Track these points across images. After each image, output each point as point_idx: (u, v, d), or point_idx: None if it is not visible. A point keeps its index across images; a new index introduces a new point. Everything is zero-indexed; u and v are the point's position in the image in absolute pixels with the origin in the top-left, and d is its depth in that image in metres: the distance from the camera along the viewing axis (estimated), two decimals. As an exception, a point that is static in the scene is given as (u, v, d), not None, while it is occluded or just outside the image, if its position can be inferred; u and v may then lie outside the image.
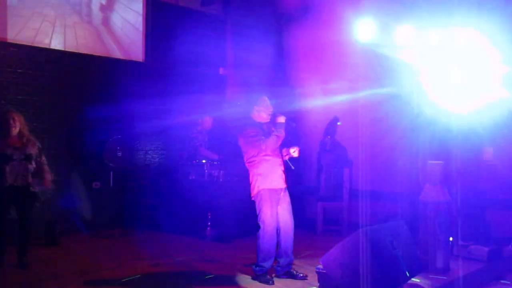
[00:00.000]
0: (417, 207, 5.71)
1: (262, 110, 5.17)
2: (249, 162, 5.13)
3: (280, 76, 8.68)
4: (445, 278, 5.12)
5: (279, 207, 5.09)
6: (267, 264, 5.04)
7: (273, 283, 4.96)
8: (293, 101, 8.35)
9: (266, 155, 5.03)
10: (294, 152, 5.16)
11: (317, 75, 8.30)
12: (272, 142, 5.00)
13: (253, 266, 5.12)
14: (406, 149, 7.34)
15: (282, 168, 5.15)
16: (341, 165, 7.36)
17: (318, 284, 4.54)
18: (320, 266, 4.41)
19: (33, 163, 5.23)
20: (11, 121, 5.13)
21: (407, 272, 4.37)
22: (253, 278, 5.08)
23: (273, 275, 5.12)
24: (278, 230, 5.11)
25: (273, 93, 8.53)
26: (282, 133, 5.04)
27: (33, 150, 5.24)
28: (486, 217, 6.70)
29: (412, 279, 4.62)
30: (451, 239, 5.56)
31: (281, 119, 5.08)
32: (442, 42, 6.55)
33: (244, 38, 9.16)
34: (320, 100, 8.21)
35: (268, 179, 5.03)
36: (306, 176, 7.95)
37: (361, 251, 4.02)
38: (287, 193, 5.18)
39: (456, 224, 5.97)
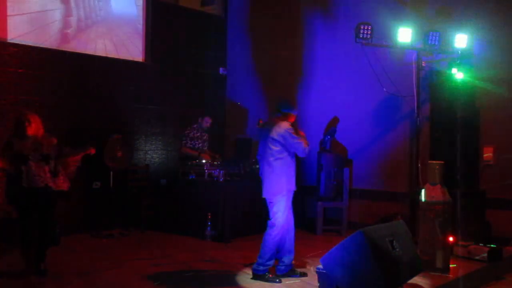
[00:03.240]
0: (417, 207, 5.71)
1: (293, 116, 5.20)
2: (276, 161, 5.03)
3: (280, 75, 8.68)
4: (445, 278, 5.13)
5: None
6: (272, 263, 5.05)
7: (280, 281, 4.94)
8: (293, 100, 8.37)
9: (292, 157, 5.07)
10: None
11: (317, 73, 8.30)
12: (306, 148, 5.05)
13: (255, 265, 5.09)
14: (406, 149, 7.35)
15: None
16: (341, 165, 7.36)
17: (318, 284, 4.54)
18: (320, 266, 4.40)
19: (52, 163, 5.08)
20: (27, 123, 5.03)
21: (407, 272, 4.37)
22: (255, 278, 5.04)
23: (274, 274, 5.10)
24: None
25: (273, 92, 8.59)
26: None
27: (50, 150, 5.09)
28: (486, 217, 6.70)
29: (412, 279, 4.61)
30: (451, 239, 5.56)
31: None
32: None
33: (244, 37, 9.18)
34: (320, 100, 8.21)
35: (291, 180, 5.08)
36: (306, 176, 7.94)
37: (361, 251, 4.02)
38: None
39: (456, 224, 5.96)
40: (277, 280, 4.97)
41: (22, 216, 5.09)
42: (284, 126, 5.02)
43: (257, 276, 5.05)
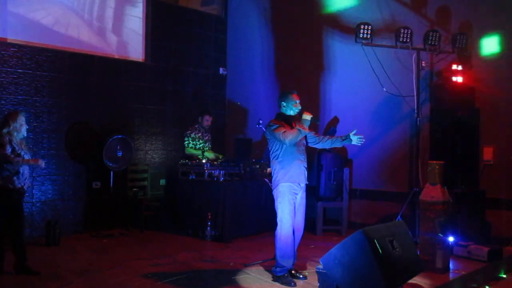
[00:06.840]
0: (417, 207, 5.71)
1: (288, 106, 5.14)
2: (273, 157, 5.09)
3: (280, 75, 8.68)
4: (445, 278, 5.13)
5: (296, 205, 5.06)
6: (287, 264, 4.99)
7: (295, 284, 4.89)
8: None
9: (289, 149, 4.98)
10: (359, 139, 5.06)
11: (317, 74, 8.29)
12: (293, 135, 4.89)
13: (273, 268, 5.07)
14: (406, 149, 7.35)
15: (305, 165, 5.10)
16: (341, 165, 7.36)
17: (318, 284, 4.54)
18: (320, 266, 4.40)
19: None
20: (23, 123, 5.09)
21: (407, 272, 4.37)
22: (274, 280, 5.01)
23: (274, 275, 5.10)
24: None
25: (273, 92, 8.58)
26: (305, 129, 4.95)
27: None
28: (486, 217, 6.70)
29: (412, 279, 4.61)
30: (451, 239, 5.56)
31: (306, 116, 4.98)
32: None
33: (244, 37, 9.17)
34: (320, 100, 8.22)
35: (289, 174, 4.99)
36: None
37: (361, 251, 4.02)
38: (304, 193, 5.16)
39: (456, 224, 5.97)
40: (292, 283, 4.88)
41: None
42: (266, 128, 5.12)
43: (276, 277, 5.01)
